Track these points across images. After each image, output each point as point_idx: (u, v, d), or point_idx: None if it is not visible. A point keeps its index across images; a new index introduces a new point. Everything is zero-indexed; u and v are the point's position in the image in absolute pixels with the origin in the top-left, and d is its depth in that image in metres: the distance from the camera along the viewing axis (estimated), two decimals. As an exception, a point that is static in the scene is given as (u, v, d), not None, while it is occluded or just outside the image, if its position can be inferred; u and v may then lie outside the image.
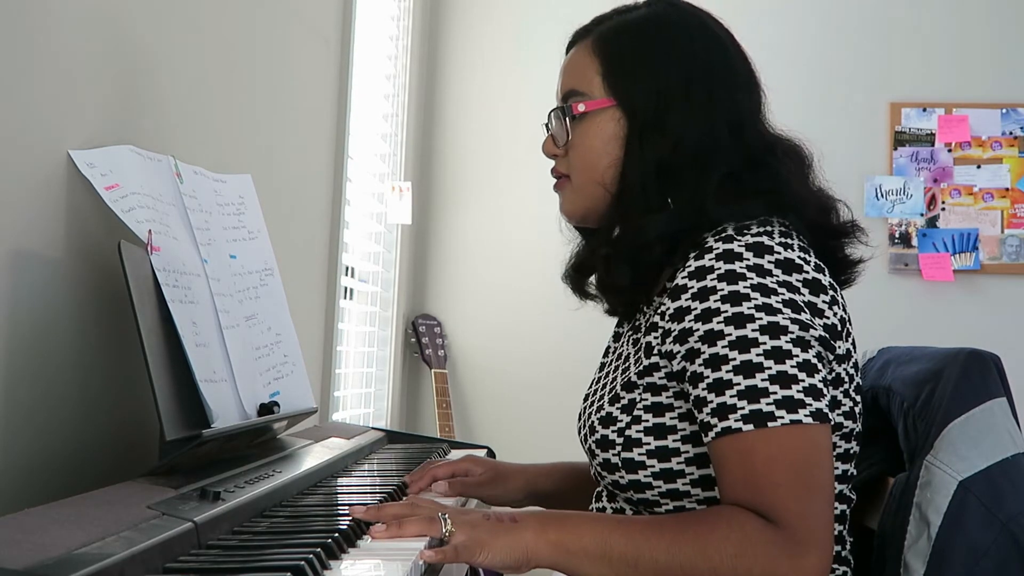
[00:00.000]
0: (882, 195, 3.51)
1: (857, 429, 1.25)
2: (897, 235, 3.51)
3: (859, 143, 3.50)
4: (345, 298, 2.82)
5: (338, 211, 2.53)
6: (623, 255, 1.25)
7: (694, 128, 1.25)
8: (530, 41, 3.65)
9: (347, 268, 2.80)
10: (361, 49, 2.79)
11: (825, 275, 1.21)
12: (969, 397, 1.25)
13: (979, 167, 3.51)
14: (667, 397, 1.20)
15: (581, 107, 1.29)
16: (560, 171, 1.35)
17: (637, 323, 1.31)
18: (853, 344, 1.24)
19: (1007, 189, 3.50)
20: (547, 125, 1.35)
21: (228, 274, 1.49)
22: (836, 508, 1.22)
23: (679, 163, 1.24)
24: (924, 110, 3.54)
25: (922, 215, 3.51)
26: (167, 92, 1.56)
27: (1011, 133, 3.51)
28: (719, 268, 1.15)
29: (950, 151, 3.52)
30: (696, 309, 1.15)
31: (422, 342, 3.48)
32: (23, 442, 1.18)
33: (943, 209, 3.51)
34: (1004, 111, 3.51)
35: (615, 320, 1.43)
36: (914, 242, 3.50)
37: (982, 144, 3.51)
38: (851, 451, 1.24)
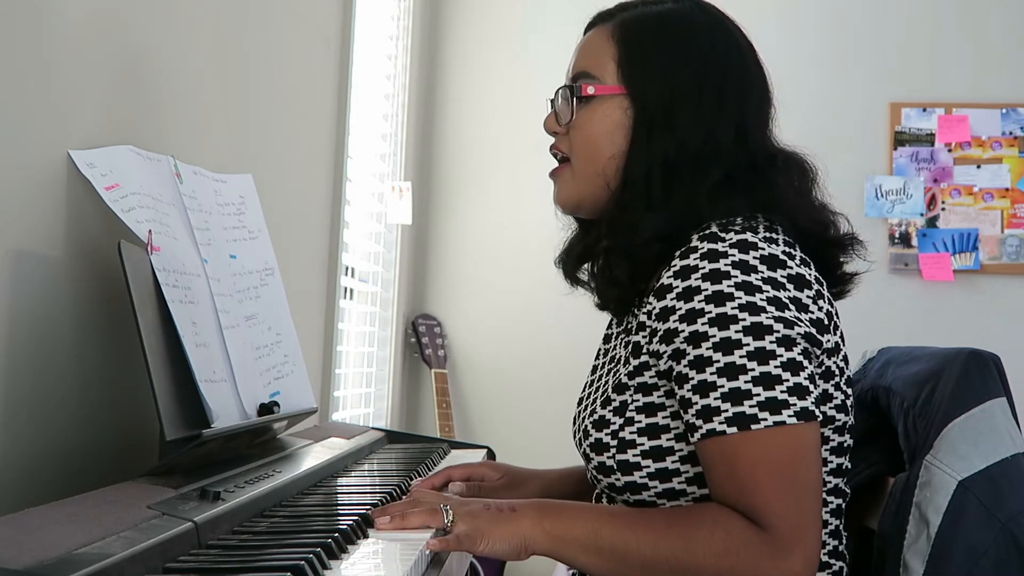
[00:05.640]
0: (882, 195, 3.51)
1: (850, 422, 1.24)
2: (897, 235, 3.51)
3: (859, 143, 3.50)
4: (345, 298, 2.82)
5: (338, 211, 2.53)
6: (622, 250, 1.25)
7: (700, 130, 1.24)
8: (530, 41, 3.65)
9: (347, 268, 2.80)
10: (361, 49, 2.79)
11: (811, 269, 1.21)
12: (969, 397, 1.25)
13: (979, 167, 3.51)
14: (658, 396, 1.20)
15: (591, 89, 1.28)
16: (560, 149, 1.33)
17: (629, 325, 1.30)
18: (842, 337, 1.24)
19: (1007, 189, 3.50)
20: (552, 101, 1.34)
21: (228, 274, 1.49)
22: (831, 503, 1.23)
23: (681, 162, 1.24)
24: (924, 110, 3.54)
25: (922, 215, 3.51)
26: (167, 92, 1.56)
27: (1011, 133, 3.51)
28: (703, 267, 1.15)
29: (950, 151, 3.52)
30: (681, 309, 1.15)
31: (422, 342, 3.48)
32: (23, 442, 1.18)
33: (943, 209, 3.51)
34: (1004, 111, 3.51)
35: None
36: (914, 242, 3.50)
37: (982, 144, 3.51)
38: (844, 444, 1.24)
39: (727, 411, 1.11)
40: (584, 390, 1.37)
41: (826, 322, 1.19)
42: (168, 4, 1.55)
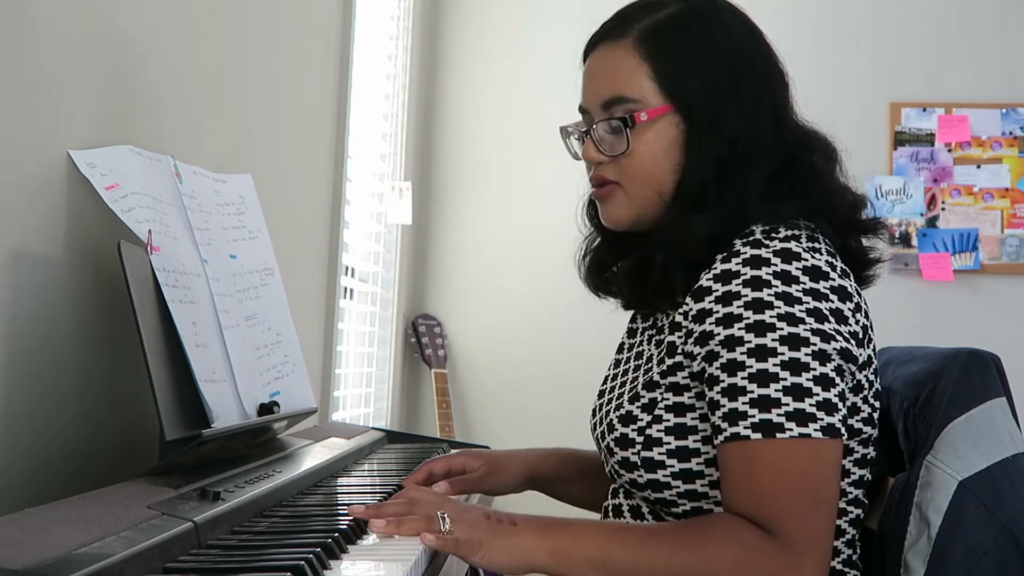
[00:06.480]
0: (882, 195, 3.51)
1: (874, 434, 1.25)
2: (897, 235, 3.51)
3: (859, 143, 3.47)
4: (345, 298, 2.82)
5: (338, 211, 2.53)
6: (677, 260, 1.22)
7: (746, 125, 1.23)
8: (530, 41, 3.65)
9: (347, 268, 2.80)
10: (361, 49, 2.79)
11: (851, 280, 1.20)
12: (969, 397, 1.25)
13: (979, 167, 3.51)
14: (689, 397, 1.20)
15: (643, 116, 1.23)
16: (607, 177, 1.28)
17: (660, 323, 1.29)
18: (874, 350, 1.24)
19: (1007, 189, 3.50)
20: (587, 132, 1.28)
21: (228, 274, 1.49)
22: (851, 512, 1.23)
23: (732, 161, 1.22)
24: (924, 110, 3.54)
25: (922, 215, 3.51)
26: (167, 92, 1.56)
27: (1011, 133, 3.51)
28: (745, 273, 1.15)
29: (950, 151, 3.52)
30: (718, 313, 1.15)
31: (422, 342, 3.48)
32: (23, 442, 1.18)
33: (943, 209, 3.51)
34: (1004, 111, 3.51)
35: (614, 320, 1.43)
36: (914, 242, 3.50)
37: (982, 144, 3.51)
38: (868, 456, 1.24)
39: (754, 417, 1.10)
40: (605, 383, 1.36)
41: (861, 335, 1.19)
42: (168, 4, 1.55)
